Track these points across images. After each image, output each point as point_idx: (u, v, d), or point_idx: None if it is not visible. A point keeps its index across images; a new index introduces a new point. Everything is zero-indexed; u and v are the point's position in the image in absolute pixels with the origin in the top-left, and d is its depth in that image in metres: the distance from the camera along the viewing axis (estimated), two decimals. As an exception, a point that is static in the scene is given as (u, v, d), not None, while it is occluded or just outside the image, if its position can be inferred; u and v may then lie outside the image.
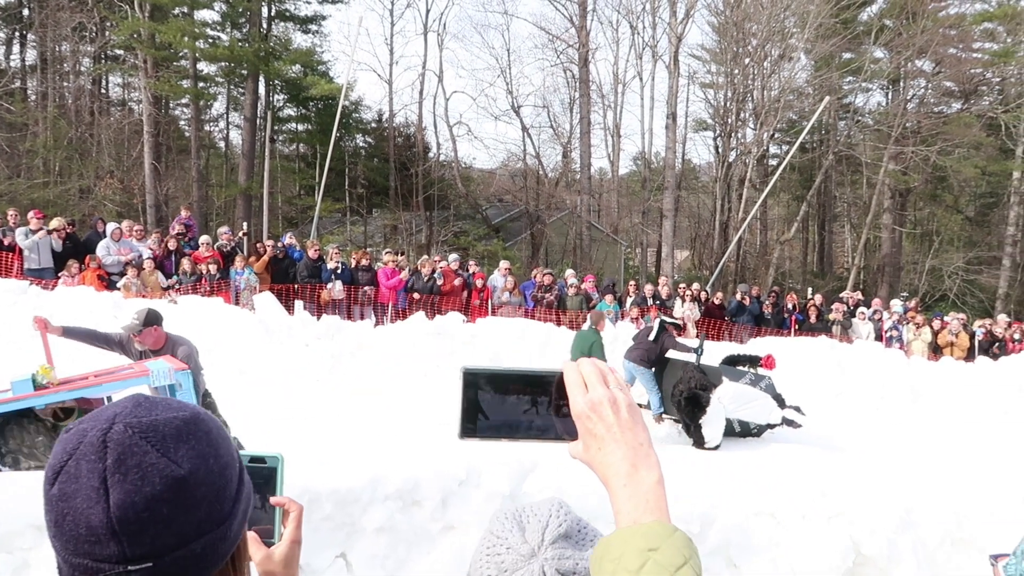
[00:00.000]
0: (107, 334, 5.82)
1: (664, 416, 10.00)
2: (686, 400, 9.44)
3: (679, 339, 10.29)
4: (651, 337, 10.13)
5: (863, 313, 15.98)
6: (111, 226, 12.77)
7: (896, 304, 17.38)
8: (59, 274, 12.05)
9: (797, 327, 15.91)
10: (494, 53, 41.87)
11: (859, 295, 18.80)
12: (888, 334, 15.78)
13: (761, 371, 10.05)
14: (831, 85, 27.68)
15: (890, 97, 32.15)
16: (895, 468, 8.90)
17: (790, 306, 16.63)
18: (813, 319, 16.07)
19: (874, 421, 11.59)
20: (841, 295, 18.93)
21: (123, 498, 0.79)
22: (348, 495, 3.77)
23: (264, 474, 1.17)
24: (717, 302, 16.36)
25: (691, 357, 10.04)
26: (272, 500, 1.18)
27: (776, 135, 29.22)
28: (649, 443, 0.88)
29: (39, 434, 4.92)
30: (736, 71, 28.21)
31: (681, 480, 7.41)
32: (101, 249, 12.30)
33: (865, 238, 29.52)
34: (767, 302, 16.33)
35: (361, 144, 33.39)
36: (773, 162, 30.90)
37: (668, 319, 10.63)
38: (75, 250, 12.46)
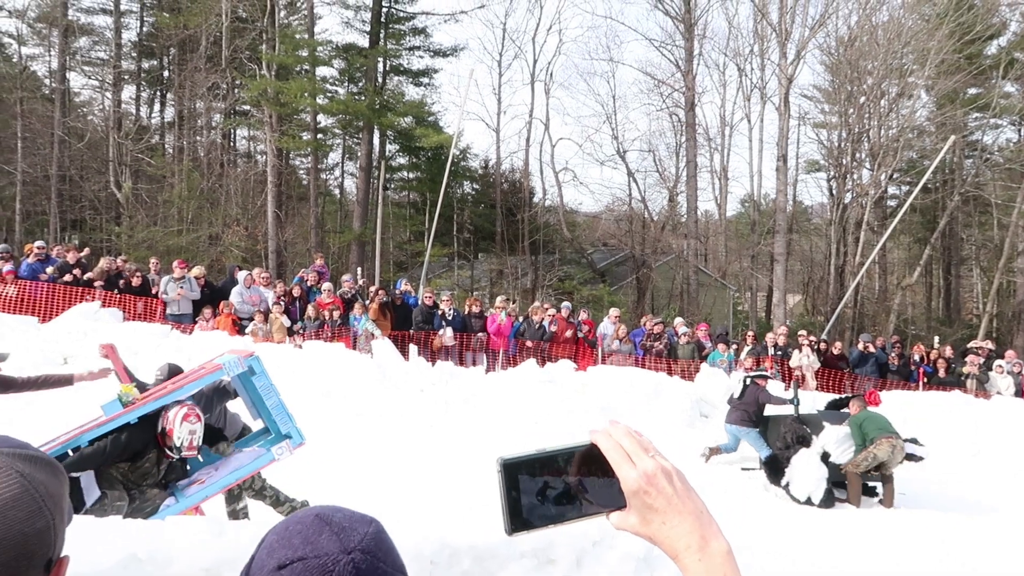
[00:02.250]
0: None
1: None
2: (784, 455, 9.22)
3: (772, 392, 10.05)
4: (736, 395, 9.92)
5: (1001, 367, 14.90)
6: (242, 274, 13.57)
7: (1038, 356, 16.13)
8: (196, 319, 12.88)
9: (926, 380, 15.00)
10: (600, 99, 42.43)
11: (991, 344, 17.56)
12: (1031, 388, 14.64)
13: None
14: (956, 123, 26.38)
15: (1022, 134, 30.31)
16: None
17: (917, 357, 15.71)
18: (943, 372, 15.11)
19: (1017, 484, 10.72)
20: (972, 344, 17.73)
21: None
22: (486, 551, 3.82)
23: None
24: (836, 352, 15.66)
25: (789, 409, 9.81)
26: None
27: (895, 175, 28.02)
28: (708, 511, 0.87)
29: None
30: (851, 110, 27.35)
31: (804, 547, 7.07)
32: (234, 296, 13.08)
33: (998, 283, 27.65)
34: (893, 353, 15.48)
35: (469, 190, 34.30)
36: (892, 203, 29.59)
37: (753, 373, 10.42)
38: (212, 296, 13.31)
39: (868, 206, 26.97)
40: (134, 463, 4.89)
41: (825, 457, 9.09)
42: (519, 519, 0.87)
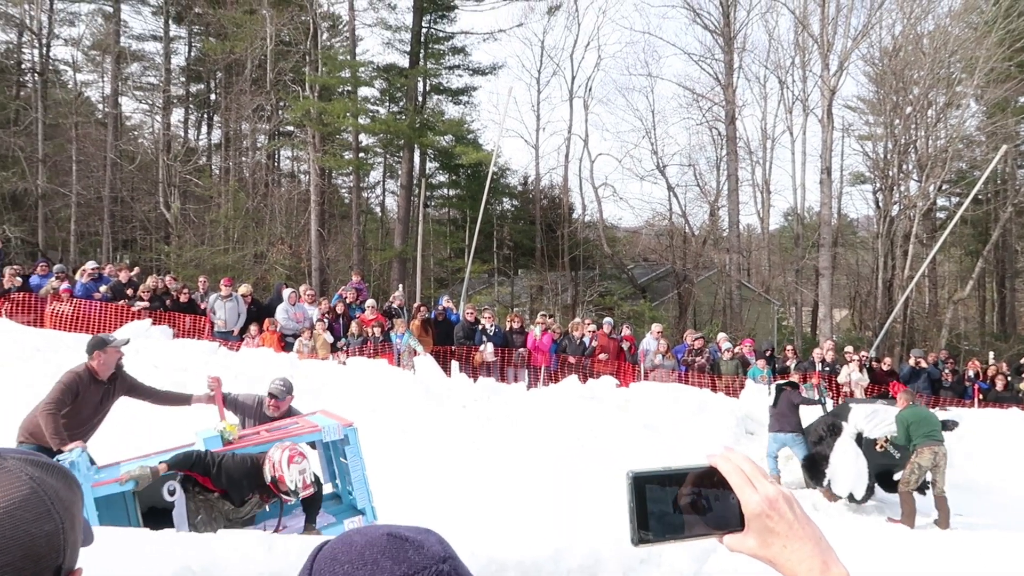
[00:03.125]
0: (244, 402, 6.03)
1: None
2: (819, 450, 9.21)
3: (801, 394, 10.29)
4: (772, 405, 9.96)
5: (1060, 382, 14.38)
6: (287, 292, 13.79)
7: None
8: (242, 336, 13.11)
9: (981, 397, 14.53)
10: (639, 115, 42.32)
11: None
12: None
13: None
14: (1007, 132, 25.70)
15: (1077, 142, 29.38)
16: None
17: (971, 373, 15.24)
18: (1000, 387, 14.63)
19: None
20: (1028, 360, 17.15)
21: None
22: (532, 567, 3.79)
23: None
24: (886, 367, 15.26)
25: (819, 410, 10.11)
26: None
27: (944, 187, 27.35)
28: (825, 537, 0.90)
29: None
30: (897, 121, 26.84)
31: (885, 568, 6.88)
32: (280, 313, 13.29)
33: (1054, 296, 26.76)
34: (946, 369, 15.03)
35: (508, 207, 34.42)
36: (942, 215, 28.91)
37: (783, 382, 10.51)
38: (258, 313, 13.54)
39: (916, 218, 26.36)
40: (239, 506, 4.79)
41: (859, 438, 9.05)
42: (645, 531, 0.91)
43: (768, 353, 15.05)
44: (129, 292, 13.80)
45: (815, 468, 9.44)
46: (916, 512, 8.73)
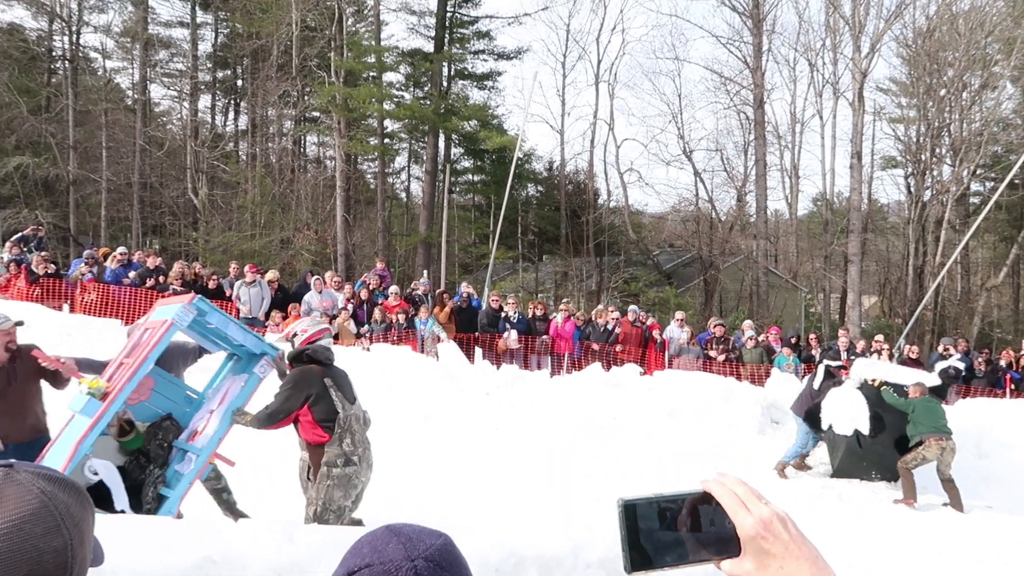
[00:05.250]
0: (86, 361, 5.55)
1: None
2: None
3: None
4: (816, 386, 9.74)
5: (1097, 372, 14.05)
6: (314, 279, 13.89)
7: None
8: (265, 323, 13.22)
9: (1013, 387, 14.25)
10: (665, 99, 41.87)
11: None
12: None
13: None
14: (1045, 115, 25.06)
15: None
16: None
17: (1004, 363, 14.94)
18: (1034, 377, 14.34)
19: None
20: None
21: None
22: (552, 561, 3.78)
23: None
24: (914, 356, 15.01)
25: None
26: None
27: (979, 171, 26.76)
28: (822, 556, 0.91)
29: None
30: (930, 104, 26.26)
31: (892, 560, 6.80)
32: (306, 301, 13.40)
33: (1092, 284, 26.15)
34: (980, 358, 14.73)
35: (533, 193, 34.30)
36: (975, 200, 28.29)
37: (832, 363, 10.20)
38: (284, 299, 13.65)
39: (949, 204, 25.84)
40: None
41: (862, 386, 9.12)
42: (638, 558, 0.91)
43: (794, 340, 14.87)
44: (157, 278, 13.98)
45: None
46: (916, 487, 8.66)
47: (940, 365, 10.70)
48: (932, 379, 9.78)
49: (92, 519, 1.06)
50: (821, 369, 9.96)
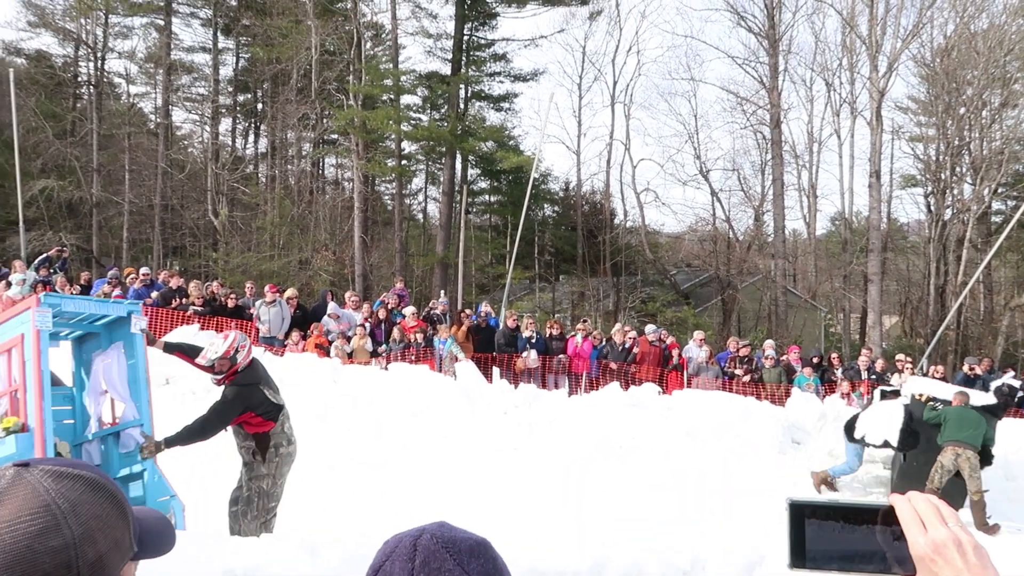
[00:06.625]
0: None
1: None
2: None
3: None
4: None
5: (1126, 392, 13.77)
6: (332, 305, 14.00)
7: None
8: (285, 342, 13.31)
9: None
10: (681, 119, 41.69)
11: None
12: None
13: None
14: (1066, 133, 24.84)
15: None
16: None
17: (1030, 382, 14.69)
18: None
19: None
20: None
21: None
22: (572, 578, 3.75)
23: None
24: (938, 375, 14.80)
25: None
26: None
27: (1000, 190, 26.52)
28: None
29: None
30: (949, 122, 26.11)
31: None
32: (327, 320, 13.48)
33: (1118, 303, 25.73)
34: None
35: (550, 213, 34.40)
36: (997, 219, 28.01)
37: (887, 388, 10.14)
38: (304, 319, 13.74)
39: (970, 222, 25.60)
40: None
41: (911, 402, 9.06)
42: (801, 556, 0.92)
43: (816, 360, 14.73)
44: (178, 299, 14.12)
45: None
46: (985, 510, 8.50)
47: (995, 383, 10.53)
48: (987, 398, 9.61)
49: (119, 512, 1.01)
50: (877, 394, 10.01)
